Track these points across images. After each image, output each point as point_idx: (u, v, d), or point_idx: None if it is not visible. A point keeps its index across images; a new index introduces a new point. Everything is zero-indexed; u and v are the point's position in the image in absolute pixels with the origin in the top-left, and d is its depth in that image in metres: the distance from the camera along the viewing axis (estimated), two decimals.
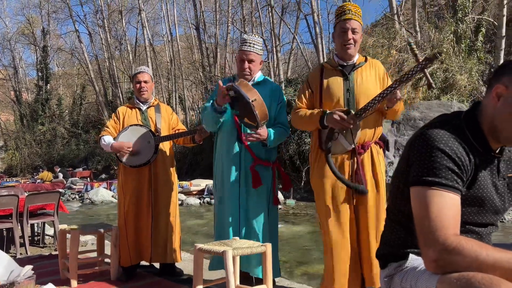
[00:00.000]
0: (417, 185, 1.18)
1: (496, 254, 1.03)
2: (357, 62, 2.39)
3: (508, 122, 1.19)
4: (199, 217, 8.86)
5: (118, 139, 3.14)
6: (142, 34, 22.88)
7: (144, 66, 3.48)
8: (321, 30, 15.43)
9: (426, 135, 1.21)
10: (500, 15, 11.25)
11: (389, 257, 1.34)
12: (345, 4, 2.41)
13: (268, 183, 2.65)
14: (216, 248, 2.13)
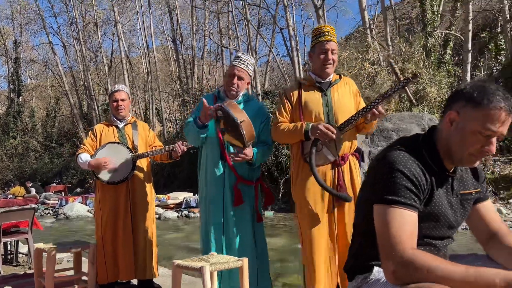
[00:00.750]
0: (379, 203, 1.28)
1: (448, 267, 1.13)
2: (333, 80, 2.54)
3: (460, 145, 1.31)
4: (177, 231, 8.82)
5: (95, 157, 3.16)
6: (118, 46, 22.73)
7: (121, 84, 3.51)
8: (297, 43, 15.75)
9: (388, 158, 1.32)
10: (466, 30, 11.76)
11: (356, 270, 1.44)
12: (323, 26, 2.54)
13: (251, 201, 2.68)
14: (194, 264, 2.18)
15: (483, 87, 1.28)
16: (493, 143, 1.28)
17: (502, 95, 1.25)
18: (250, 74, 2.78)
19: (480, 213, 1.46)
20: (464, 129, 1.29)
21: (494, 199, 8.24)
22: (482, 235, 1.46)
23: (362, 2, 14.08)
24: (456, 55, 15.13)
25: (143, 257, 3.14)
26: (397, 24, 16.25)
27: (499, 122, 1.25)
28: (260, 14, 19.78)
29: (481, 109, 1.25)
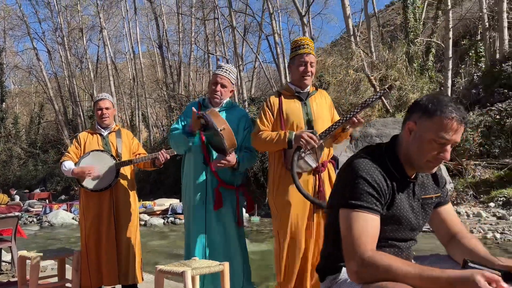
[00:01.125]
0: (344, 207, 1.38)
1: (405, 267, 1.22)
2: (310, 91, 2.67)
3: (418, 153, 1.41)
4: (163, 237, 8.80)
5: (79, 164, 3.20)
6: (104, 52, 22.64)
7: (105, 93, 3.56)
8: (283, 49, 15.92)
9: (352, 165, 1.42)
10: (447, 38, 12.05)
11: (326, 271, 1.52)
12: (302, 38, 2.65)
13: (233, 205, 2.76)
14: (176, 269, 2.24)
15: (437, 99, 1.39)
16: (447, 151, 1.38)
17: (453, 106, 1.36)
18: (233, 82, 2.89)
19: (441, 216, 1.56)
20: (421, 138, 1.39)
21: (474, 203, 8.43)
22: (443, 236, 1.56)
23: (346, 10, 14.31)
24: (438, 62, 15.47)
25: (126, 263, 3.18)
26: (380, 31, 16.54)
27: (451, 131, 1.35)
28: (246, 21, 19.96)
29: (435, 119, 1.36)
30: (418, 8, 14.99)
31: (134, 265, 3.21)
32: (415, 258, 1.56)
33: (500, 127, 9.67)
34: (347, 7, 14.43)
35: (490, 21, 12.60)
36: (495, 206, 7.93)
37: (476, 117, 9.87)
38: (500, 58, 11.40)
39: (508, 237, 6.08)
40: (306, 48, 2.55)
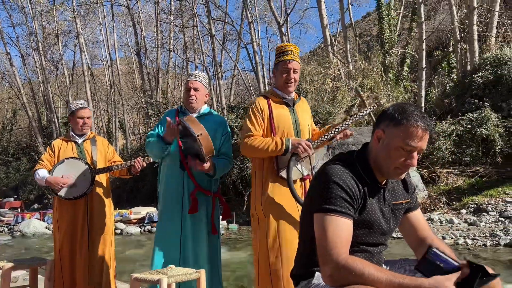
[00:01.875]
0: (318, 212, 1.42)
1: (377, 273, 1.27)
2: (295, 98, 2.69)
3: (386, 160, 1.47)
4: (139, 246, 8.68)
5: (53, 172, 3.15)
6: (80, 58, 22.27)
7: (83, 101, 3.48)
8: (262, 58, 16.04)
9: (325, 171, 1.46)
10: (420, 49, 12.39)
11: (300, 276, 1.55)
12: (287, 45, 2.63)
13: (208, 211, 2.76)
14: (152, 277, 2.22)
15: (403, 108, 1.45)
16: (414, 157, 1.44)
17: (418, 115, 1.42)
18: (205, 86, 2.89)
19: (410, 222, 1.61)
20: (389, 146, 1.45)
21: (447, 210, 8.65)
22: (412, 241, 1.61)
23: (323, 20, 14.56)
24: (412, 72, 15.87)
25: (100, 272, 3.14)
26: (357, 41, 16.88)
27: (417, 138, 1.41)
28: (225, 29, 20.04)
29: (402, 127, 1.42)
30: (393, 20, 15.40)
31: (108, 274, 3.17)
32: (385, 263, 1.61)
33: (471, 136, 9.98)
34: (324, 18, 14.69)
35: (461, 33, 13.04)
36: (467, 212, 8.16)
37: (448, 126, 10.16)
38: (471, 69, 11.79)
39: (479, 242, 6.26)
40: (290, 55, 2.55)
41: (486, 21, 12.97)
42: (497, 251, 5.86)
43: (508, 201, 7.89)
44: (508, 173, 9.83)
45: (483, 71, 11.00)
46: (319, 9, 14.62)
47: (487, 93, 10.70)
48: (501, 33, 12.86)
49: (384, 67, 13.78)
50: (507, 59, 10.68)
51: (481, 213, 7.90)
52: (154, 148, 2.75)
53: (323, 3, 14.64)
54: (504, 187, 8.63)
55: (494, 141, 9.78)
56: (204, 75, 2.93)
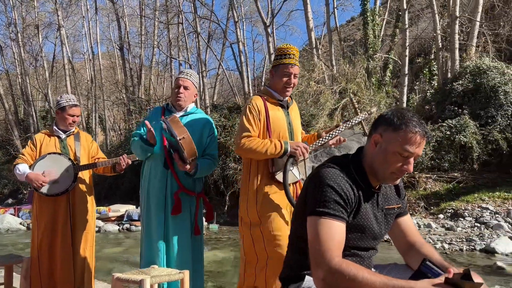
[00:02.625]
0: (312, 215, 1.41)
1: (370, 277, 1.27)
2: (288, 100, 2.67)
3: (382, 164, 1.47)
4: (118, 244, 8.54)
5: (35, 168, 3.05)
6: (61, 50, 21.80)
7: (73, 96, 3.34)
8: (247, 58, 16.01)
9: (319, 174, 1.45)
10: (403, 55, 12.59)
11: (290, 279, 1.54)
12: (290, 47, 2.56)
13: (192, 212, 2.72)
14: (134, 277, 2.18)
15: (402, 113, 1.46)
16: (411, 163, 1.45)
17: (417, 121, 1.43)
18: (195, 86, 2.86)
19: (401, 226, 1.62)
20: (386, 150, 1.45)
21: (425, 214, 8.80)
22: (401, 245, 1.62)
23: (309, 23, 14.64)
24: (394, 78, 16.11)
25: (82, 271, 3.07)
26: (342, 45, 17.03)
27: (415, 144, 1.42)
28: (211, 27, 19.93)
29: (400, 132, 1.43)
30: (377, 25, 15.60)
31: (89, 273, 3.10)
32: (375, 267, 1.61)
33: (450, 142, 10.19)
34: (310, 20, 14.77)
35: (443, 41, 13.30)
36: (444, 217, 8.32)
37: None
38: (451, 77, 12.04)
39: (456, 247, 6.38)
40: (292, 59, 2.51)
41: (467, 30, 13.27)
42: (473, 256, 5.98)
43: (484, 207, 8.08)
44: (484, 180, 10.07)
45: (463, 79, 11.24)
46: (305, 11, 14.70)
47: (466, 101, 10.94)
48: (481, 43, 13.17)
49: (368, 72, 13.94)
50: (486, 68, 10.94)
51: (458, 218, 8.06)
52: (137, 148, 2.71)
53: (309, 6, 14.73)
54: (480, 193, 8.83)
55: (471, 148, 10.01)
56: (195, 74, 2.89)
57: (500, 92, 10.44)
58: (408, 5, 13.13)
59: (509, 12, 13.21)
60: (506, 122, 10.33)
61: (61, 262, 3.03)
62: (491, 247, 6.04)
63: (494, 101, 10.50)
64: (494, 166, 10.30)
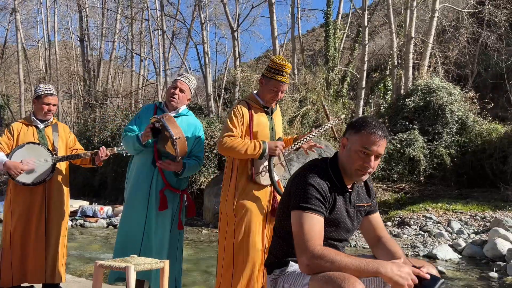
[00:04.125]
0: (296, 209, 1.65)
1: (346, 259, 1.51)
2: (273, 106, 2.84)
3: (348, 163, 1.74)
4: (71, 240, 8.34)
5: (12, 156, 3.04)
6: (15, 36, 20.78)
7: (50, 86, 3.35)
8: (209, 60, 16.08)
9: (303, 174, 1.70)
10: (362, 69, 13.22)
11: (274, 265, 1.75)
12: (285, 65, 2.68)
13: (174, 208, 2.85)
14: (118, 264, 2.28)
15: (364, 119, 1.76)
16: (372, 161, 1.71)
17: (376, 124, 1.71)
18: (191, 91, 2.98)
19: (370, 222, 1.88)
20: (351, 150, 1.72)
21: None
22: (370, 239, 1.88)
23: (274, 31, 14.99)
24: (351, 90, 16.81)
25: (54, 261, 3.09)
26: (304, 55, 17.54)
27: (373, 144, 1.67)
28: (175, 26, 19.82)
29: (361, 134, 1.70)
30: (338, 39, 16.23)
31: (62, 263, 3.13)
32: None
33: (400, 155, 10.85)
34: (275, 28, 15.12)
35: (399, 59, 14.10)
36: (392, 225, 8.85)
37: None
38: (404, 93, 12.79)
39: None
40: (285, 77, 2.67)
41: (421, 51, 14.15)
42: None
43: (428, 217, 8.69)
44: (428, 191, 10.81)
45: (414, 96, 12.00)
46: (271, 19, 15.03)
47: (417, 117, 11.69)
48: (432, 63, 14.09)
49: (327, 83, 14.48)
50: (435, 87, 11.75)
51: (404, 226, 8.62)
52: (129, 143, 2.80)
53: (275, 15, 15.09)
54: (425, 203, 9.48)
55: (419, 161, 10.71)
56: (193, 80, 3.02)
57: (447, 111, 11.25)
58: (368, 22, 13.81)
59: (458, 37, 14.25)
60: (451, 139, 11.15)
61: (34, 252, 3.03)
62: (433, 253, 6.55)
63: (441, 118, 11.30)
64: (438, 179, 11.08)
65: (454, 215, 8.70)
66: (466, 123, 11.37)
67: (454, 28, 14.66)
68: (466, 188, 10.80)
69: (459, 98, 11.72)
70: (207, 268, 5.86)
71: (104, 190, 14.89)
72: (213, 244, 7.96)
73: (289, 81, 2.76)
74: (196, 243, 8.00)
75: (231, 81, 16.35)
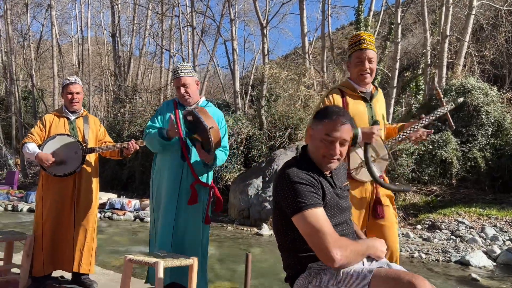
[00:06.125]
0: (295, 213, 1.58)
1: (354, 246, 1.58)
2: (373, 91, 2.47)
3: (315, 151, 1.73)
4: (100, 232, 8.49)
5: (44, 148, 3.08)
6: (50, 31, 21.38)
7: (74, 76, 3.44)
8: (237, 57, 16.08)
9: (284, 176, 1.65)
10: (394, 68, 12.89)
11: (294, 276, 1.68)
12: (360, 33, 2.43)
13: (204, 202, 2.82)
14: (148, 260, 2.26)
15: (327, 107, 1.78)
16: (336, 147, 1.70)
17: (338, 111, 1.72)
18: (190, 75, 2.86)
19: None
20: (315, 138, 1.72)
21: (404, 224, 9.08)
22: None
23: (304, 28, 14.84)
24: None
25: (85, 251, 3.11)
26: (333, 53, 17.30)
27: (334, 130, 1.68)
28: (205, 23, 19.92)
29: (323, 122, 1.71)
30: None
31: (91, 254, 3.15)
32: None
33: (431, 156, 10.52)
34: (305, 25, 14.97)
35: (432, 58, 13.68)
36: (422, 228, 8.60)
37: (411, 145, 10.64)
38: None
39: (432, 257, 6.64)
40: (363, 43, 2.35)
41: (456, 49, 13.68)
42: (448, 266, 6.24)
43: (460, 221, 8.39)
44: (460, 195, 10.44)
45: (448, 96, 11.60)
46: (301, 16, 14.88)
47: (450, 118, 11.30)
48: (467, 62, 13.60)
49: None
50: (471, 87, 11.32)
51: (435, 230, 8.35)
52: (154, 141, 2.76)
53: (305, 11, 14.92)
54: (457, 207, 9.16)
55: (451, 163, 10.36)
56: (185, 65, 2.91)
57: (482, 112, 10.84)
58: (402, 20, 13.46)
59: (496, 35, 13.70)
60: (486, 141, 10.73)
61: (65, 242, 3.08)
62: (466, 260, 6.31)
63: (476, 120, 10.88)
64: (471, 182, 10.69)
65: (488, 221, 8.37)
66: (502, 125, 10.93)
67: (492, 26, 14.10)
68: (501, 193, 10.37)
69: (496, 99, 11.26)
70: (231, 264, 5.84)
71: (132, 184, 15.15)
72: (238, 241, 7.94)
73: (373, 47, 2.38)
74: (222, 240, 8.00)
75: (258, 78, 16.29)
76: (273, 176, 10.09)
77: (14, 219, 9.67)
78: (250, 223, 9.62)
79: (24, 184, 17.07)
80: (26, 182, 17.71)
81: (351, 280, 1.47)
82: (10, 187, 14.65)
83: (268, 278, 5.19)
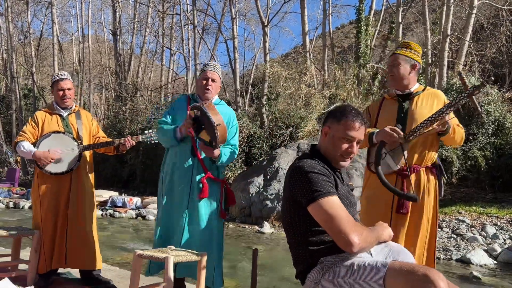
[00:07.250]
0: (311, 202, 1.63)
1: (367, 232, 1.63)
2: (415, 91, 2.52)
3: (332, 150, 1.80)
4: (102, 229, 8.52)
5: (39, 146, 3.05)
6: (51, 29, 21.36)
7: (64, 72, 3.34)
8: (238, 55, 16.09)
9: (299, 167, 1.71)
10: None
11: (304, 272, 1.70)
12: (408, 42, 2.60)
13: (217, 197, 2.82)
14: (157, 255, 2.28)
15: (343, 107, 1.85)
16: (354, 146, 1.81)
17: (355, 112, 1.81)
18: (220, 77, 2.95)
19: None
20: (334, 137, 1.79)
21: None
22: None
23: (305, 27, 14.85)
24: (382, 88, 16.47)
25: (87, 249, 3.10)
26: (334, 52, 17.31)
27: (354, 130, 1.78)
28: (206, 21, 19.93)
29: (342, 122, 1.79)
30: (370, 35, 15.92)
31: (93, 250, 3.13)
32: None
33: None
34: (306, 24, 14.98)
35: (433, 57, 13.70)
36: None
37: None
38: None
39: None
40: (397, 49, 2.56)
41: (456, 49, 13.71)
42: (449, 265, 6.28)
43: (461, 220, 8.42)
44: (461, 194, 10.48)
45: (449, 95, 11.62)
46: (302, 15, 14.89)
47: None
48: (468, 62, 13.62)
49: (358, 80, 14.23)
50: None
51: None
52: (166, 136, 2.78)
53: (306, 10, 14.94)
54: (458, 206, 9.20)
55: (452, 162, 10.39)
56: (219, 68, 2.97)
57: (482, 111, 10.87)
58: (403, 19, 13.49)
59: (497, 35, 13.72)
60: (486, 140, 10.76)
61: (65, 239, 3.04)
62: (466, 258, 6.34)
63: (476, 119, 10.91)
64: (471, 181, 10.73)
65: (488, 219, 8.40)
66: (503, 125, 10.95)
67: (493, 26, 14.12)
68: (501, 192, 10.41)
69: (496, 98, 11.29)
70: (233, 262, 5.87)
71: (132, 182, 15.17)
72: (240, 238, 7.97)
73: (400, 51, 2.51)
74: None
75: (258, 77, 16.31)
76: (274, 174, 10.10)
77: (17, 216, 9.69)
78: (251, 221, 9.66)
79: (25, 182, 17.09)
80: (26, 180, 17.73)
81: (366, 273, 1.49)
82: (11, 184, 14.68)
83: (269, 275, 5.23)
